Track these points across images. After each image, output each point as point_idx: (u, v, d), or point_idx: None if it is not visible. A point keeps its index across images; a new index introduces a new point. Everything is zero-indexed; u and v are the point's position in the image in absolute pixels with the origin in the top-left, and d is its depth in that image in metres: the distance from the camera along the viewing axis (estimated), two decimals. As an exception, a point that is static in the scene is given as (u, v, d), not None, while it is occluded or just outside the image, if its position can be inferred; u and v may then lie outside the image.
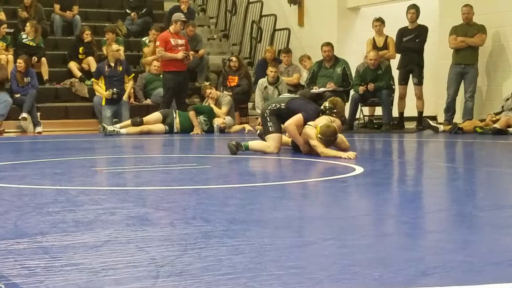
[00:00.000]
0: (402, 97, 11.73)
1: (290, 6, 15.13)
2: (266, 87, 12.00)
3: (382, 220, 3.79)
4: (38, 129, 11.86)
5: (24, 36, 13.01)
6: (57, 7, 14.59)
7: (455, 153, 8.66)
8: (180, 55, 11.83)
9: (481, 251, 2.93)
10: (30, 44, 12.97)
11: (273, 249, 2.95)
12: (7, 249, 2.91)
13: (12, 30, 13.59)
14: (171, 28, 12.13)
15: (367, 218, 3.84)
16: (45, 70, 13.08)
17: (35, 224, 3.48)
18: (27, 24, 13.00)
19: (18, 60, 12.09)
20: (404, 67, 11.67)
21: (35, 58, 12.68)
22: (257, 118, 12.29)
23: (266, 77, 12.06)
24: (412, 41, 11.55)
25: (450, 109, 11.30)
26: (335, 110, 7.18)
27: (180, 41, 12.03)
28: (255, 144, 7.34)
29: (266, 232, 3.36)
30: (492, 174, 5.92)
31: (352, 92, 11.68)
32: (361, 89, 11.32)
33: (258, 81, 12.21)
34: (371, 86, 11.28)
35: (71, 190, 4.83)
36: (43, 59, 13.05)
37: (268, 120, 7.36)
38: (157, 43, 12.21)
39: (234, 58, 13.31)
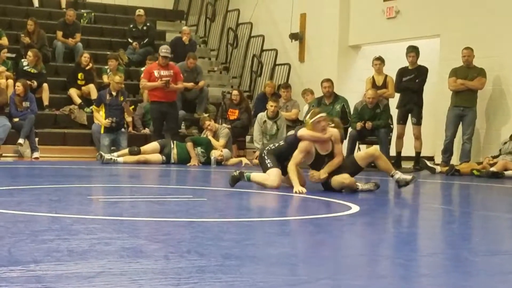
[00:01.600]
0: (400, 137, 11.76)
1: (292, 41, 15.25)
2: (265, 121, 12.04)
3: (376, 261, 3.78)
4: (36, 154, 11.85)
5: (25, 63, 13.08)
6: (59, 33, 14.69)
7: (452, 195, 8.66)
8: (159, 83, 11.92)
9: (475, 296, 2.92)
10: (31, 71, 13.03)
11: (267, 287, 2.94)
12: (0, 276, 2.89)
13: (14, 55, 13.65)
14: (159, 60, 12.26)
15: (362, 258, 3.83)
16: (46, 96, 13.13)
17: (29, 252, 3.47)
18: (29, 52, 13.07)
19: (17, 84, 12.13)
20: (403, 106, 11.73)
21: (34, 82, 12.71)
22: (254, 152, 12.33)
23: (266, 111, 12.10)
24: (412, 81, 11.63)
25: (447, 151, 11.33)
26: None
27: (165, 73, 12.11)
28: (257, 176, 7.33)
29: (260, 268, 3.34)
30: (488, 218, 5.92)
31: (350, 129, 11.71)
32: (359, 125, 11.36)
33: (258, 115, 12.24)
34: (369, 124, 11.32)
35: (66, 218, 4.82)
36: (45, 85, 13.10)
37: (266, 158, 7.36)
38: (142, 75, 12.37)
39: (235, 92, 13.37)
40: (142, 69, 14.24)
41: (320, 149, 7.14)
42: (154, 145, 11.57)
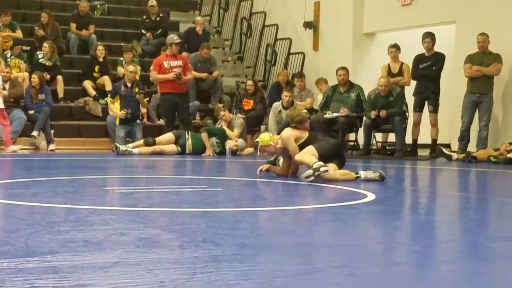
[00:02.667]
0: (416, 124, 11.69)
1: (305, 30, 15.20)
2: (280, 111, 12.00)
3: (392, 249, 3.76)
4: (51, 146, 11.91)
5: (40, 55, 13.13)
6: (73, 26, 14.72)
7: (468, 182, 8.61)
8: (170, 75, 11.86)
9: (492, 283, 2.90)
10: (47, 64, 13.09)
11: (282, 276, 2.94)
12: (17, 267, 2.91)
13: (28, 48, 13.70)
14: (167, 51, 12.16)
15: (378, 247, 3.81)
16: (60, 89, 13.18)
17: (45, 243, 3.48)
18: (45, 43, 13.12)
19: (33, 76, 12.19)
20: (419, 94, 11.64)
21: (47, 74, 12.74)
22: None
23: (281, 101, 12.06)
24: (428, 69, 11.53)
25: (464, 138, 11.25)
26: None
27: (176, 63, 12.03)
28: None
29: (276, 257, 3.34)
30: (505, 205, 5.88)
31: (364, 118, 11.66)
32: (373, 113, 11.29)
33: (272, 105, 12.21)
34: (383, 113, 11.26)
35: (82, 209, 4.84)
36: (59, 77, 13.15)
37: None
38: (151, 67, 12.32)
39: (250, 82, 13.35)
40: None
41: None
42: (169, 136, 11.59)
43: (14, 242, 3.47)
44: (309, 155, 6.85)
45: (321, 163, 6.73)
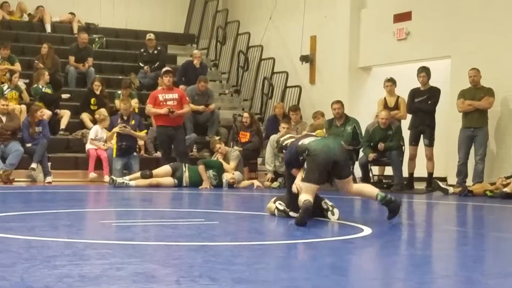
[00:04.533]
0: (413, 158, 11.73)
1: (302, 64, 15.31)
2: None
3: (389, 285, 3.76)
4: (48, 179, 11.91)
5: (40, 86, 13.22)
6: (72, 58, 14.82)
7: (465, 217, 8.61)
8: (163, 110, 11.94)
9: (488, 320, 2.91)
10: (49, 92, 13.20)
11: (279, 312, 2.94)
12: (12, 303, 2.91)
13: (27, 81, 13.76)
14: (161, 81, 12.33)
15: (374, 282, 3.81)
16: (65, 120, 13.34)
17: (41, 277, 3.48)
18: (44, 72, 13.24)
19: (42, 110, 12.26)
20: (415, 127, 11.70)
21: (42, 112, 12.66)
22: (266, 174, 12.33)
23: (278, 133, 12.10)
24: (424, 103, 11.61)
25: (461, 173, 11.25)
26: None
27: (170, 96, 12.14)
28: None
29: (272, 293, 3.34)
30: (501, 240, 5.88)
31: (361, 153, 11.69)
32: (371, 156, 11.32)
33: (270, 138, 12.25)
34: (381, 145, 11.31)
35: (78, 243, 4.83)
36: (67, 112, 13.26)
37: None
38: (148, 100, 12.43)
39: (246, 114, 13.41)
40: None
41: None
42: (166, 168, 11.61)
43: (9, 277, 3.47)
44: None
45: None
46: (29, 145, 12.09)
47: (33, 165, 11.87)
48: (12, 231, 5.23)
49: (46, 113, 12.67)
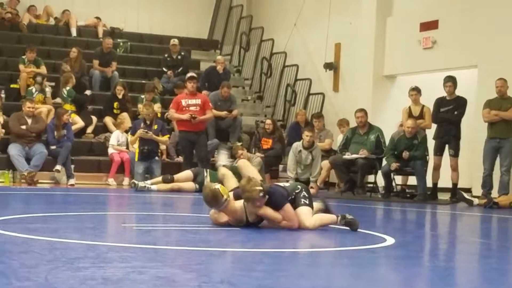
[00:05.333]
0: (437, 168, 11.61)
1: (326, 71, 15.27)
2: (300, 151, 11.99)
3: (412, 295, 3.73)
4: (71, 181, 11.99)
5: (68, 88, 13.32)
6: (96, 62, 14.91)
7: (490, 229, 8.50)
8: (185, 116, 11.97)
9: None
10: (74, 96, 13.34)
11: (301, 320, 2.92)
12: (35, 304, 2.92)
13: (53, 84, 13.86)
14: (187, 87, 12.38)
15: (397, 292, 3.77)
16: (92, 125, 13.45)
17: (65, 279, 3.49)
18: (72, 76, 13.36)
19: (71, 115, 12.36)
20: (440, 138, 11.58)
21: (68, 115, 12.79)
22: (287, 181, 12.29)
23: (301, 141, 12.06)
24: (450, 113, 11.47)
25: (487, 184, 11.11)
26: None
27: (193, 101, 12.19)
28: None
29: (294, 301, 3.32)
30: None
31: (384, 161, 11.61)
32: (394, 166, 11.24)
33: (293, 145, 12.20)
34: (406, 154, 11.22)
35: (101, 246, 4.85)
36: (94, 118, 13.51)
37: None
38: (171, 104, 12.53)
39: (269, 121, 13.40)
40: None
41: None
42: (188, 173, 11.61)
43: (34, 278, 3.48)
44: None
45: None
46: (53, 147, 12.18)
47: (57, 167, 11.96)
48: (36, 232, 5.26)
49: (78, 122, 13.06)
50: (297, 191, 6.34)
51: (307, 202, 6.39)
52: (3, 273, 3.56)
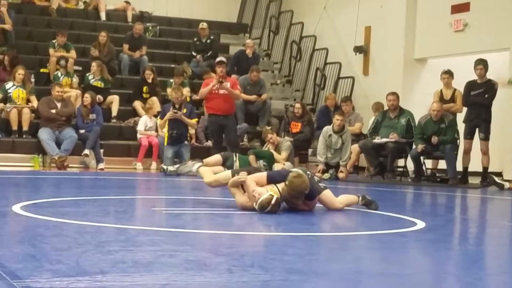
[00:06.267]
0: (467, 152, 11.49)
1: (356, 54, 15.16)
2: (330, 135, 11.93)
3: (443, 279, 3.69)
4: (101, 165, 12.07)
5: (90, 77, 13.36)
6: (125, 47, 14.94)
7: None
8: (214, 81, 11.93)
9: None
10: (98, 85, 13.32)
11: (332, 304, 2.90)
12: (68, 286, 2.93)
13: (80, 68, 13.93)
14: (217, 71, 12.33)
15: (428, 276, 3.74)
16: (115, 107, 13.42)
17: (96, 262, 3.51)
18: (93, 63, 13.37)
19: (85, 95, 12.40)
20: (470, 121, 11.44)
21: (100, 98, 12.96)
22: (317, 165, 12.26)
23: (332, 125, 12.00)
24: (480, 96, 11.33)
25: (517, 167, 11.00)
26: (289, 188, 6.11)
27: (223, 85, 12.10)
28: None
29: (325, 284, 3.31)
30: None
31: (414, 145, 11.52)
32: (420, 147, 11.14)
33: (323, 129, 12.14)
34: (435, 139, 11.12)
35: (131, 229, 4.87)
36: (116, 97, 13.37)
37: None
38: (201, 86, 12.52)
39: (298, 105, 13.35)
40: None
41: None
42: (217, 157, 11.60)
43: (65, 261, 3.50)
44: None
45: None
46: (82, 131, 12.26)
47: (86, 151, 12.04)
48: (66, 216, 5.30)
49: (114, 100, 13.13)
50: (308, 177, 6.30)
51: (324, 185, 6.55)
52: (35, 257, 3.59)
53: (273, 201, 5.95)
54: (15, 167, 11.67)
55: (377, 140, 11.59)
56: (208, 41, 15.61)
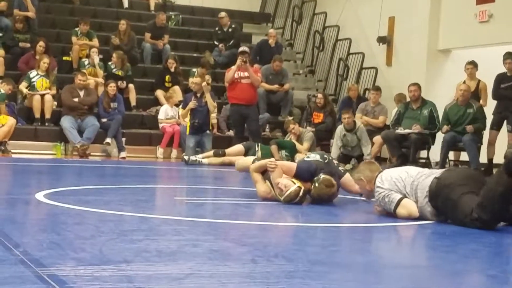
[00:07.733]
0: (492, 143, 11.38)
1: (379, 45, 15.07)
2: (344, 134, 11.86)
3: (468, 272, 3.66)
4: (123, 154, 12.11)
5: (112, 66, 13.39)
6: (148, 35, 14.95)
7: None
8: (238, 61, 11.90)
9: None
10: (119, 73, 13.34)
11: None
12: (93, 275, 2.93)
13: (101, 57, 13.98)
14: (238, 62, 12.28)
15: (451, 268, 3.70)
16: (133, 97, 13.40)
17: (119, 251, 3.51)
18: (114, 54, 13.38)
19: (111, 84, 12.43)
20: (499, 113, 11.34)
21: (123, 83, 13.00)
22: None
23: (342, 124, 11.92)
24: (510, 89, 11.20)
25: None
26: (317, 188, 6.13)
27: (245, 73, 12.06)
28: None
29: (349, 276, 3.29)
30: None
31: (441, 134, 11.42)
32: (445, 128, 11.07)
33: (336, 130, 12.06)
34: (470, 128, 11.00)
35: (154, 218, 4.87)
36: (131, 86, 13.37)
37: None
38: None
39: (320, 95, 13.31)
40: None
41: None
42: (239, 147, 11.61)
43: (89, 250, 3.51)
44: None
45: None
46: (104, 120, 12.30)
47: (108, 139, 12.08)
48: (89, 205, 5.31)
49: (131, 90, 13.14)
50: (326, 161, 6.36)
51: (343, 169, 6.64)
52: (59, 245, 3.60)
53: (301, 193, 5.98)
54: (38, 155, 11.74)
55: (400, 131, 11.51)
56: (230, 30, 15.58)
